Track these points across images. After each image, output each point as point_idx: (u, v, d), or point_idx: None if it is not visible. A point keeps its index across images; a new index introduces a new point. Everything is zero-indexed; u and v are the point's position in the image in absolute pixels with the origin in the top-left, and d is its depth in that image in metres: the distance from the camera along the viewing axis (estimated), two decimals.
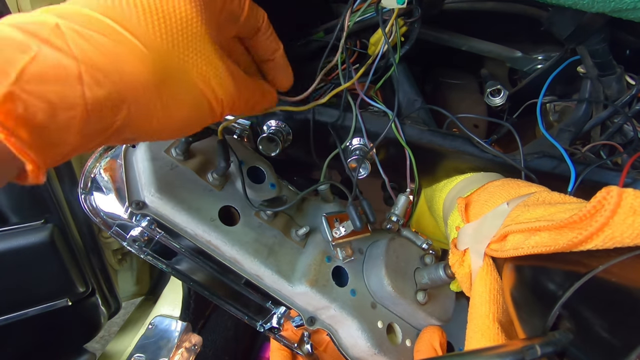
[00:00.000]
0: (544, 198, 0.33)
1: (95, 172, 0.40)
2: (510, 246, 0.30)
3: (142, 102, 0.24)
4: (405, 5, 0.40)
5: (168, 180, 0.38)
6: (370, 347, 0.39)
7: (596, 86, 0.52)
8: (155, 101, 0.25)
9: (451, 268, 0.40)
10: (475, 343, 0.31)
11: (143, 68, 0.23)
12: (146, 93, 0.24)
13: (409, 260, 0.44)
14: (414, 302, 0.41)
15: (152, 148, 0.39)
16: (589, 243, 0.23)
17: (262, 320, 0.43)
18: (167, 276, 0.80)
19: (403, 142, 0.44)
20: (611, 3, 0.35)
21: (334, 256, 0.43)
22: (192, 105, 0.27)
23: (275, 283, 0.39)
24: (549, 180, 0.43)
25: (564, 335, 0.21)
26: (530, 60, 0.59)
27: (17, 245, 0.56)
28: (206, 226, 0.37)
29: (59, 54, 0.20)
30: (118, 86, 0.22)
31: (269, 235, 0.41)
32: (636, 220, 0.21)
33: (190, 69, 0.27)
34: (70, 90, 0.20)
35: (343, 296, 0.41)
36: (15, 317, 0.60)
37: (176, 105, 0.26)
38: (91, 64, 0.21)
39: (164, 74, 0.25)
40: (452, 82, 0.70)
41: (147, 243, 0.38)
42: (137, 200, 0.37)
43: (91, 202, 0.39)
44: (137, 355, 0.65)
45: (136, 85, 0.23)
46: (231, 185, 0.42)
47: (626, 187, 0.22)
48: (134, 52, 0.23)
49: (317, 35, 0.51)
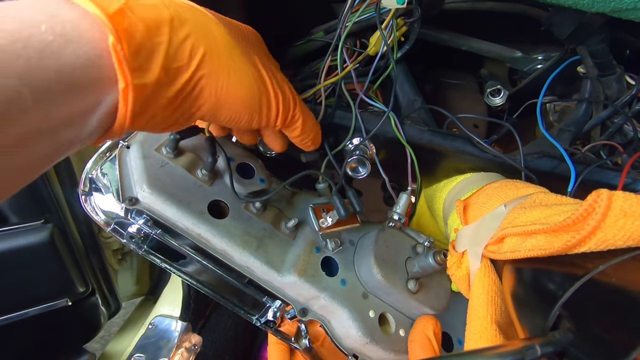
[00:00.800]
0: (541, 200, 0.34)
1: (94, 173, 0.42)
2: (507, 249, 0.31)
3: (214, 56, 0.28)
4: (405, 5, 0.40)
5: (159, 176, 0.40)
6: (362, 337, 0.39)
7: (596, 86, 0.52)
8: (224, 67, 0.29)
9: (449, 270, 0.40)
10: (474, 345, 0.31)
11: (219, 30, 0.30)
12: (218, 49, 0.29)
13: (399, 250, 0.44)
14: (405, 290, 0.41)
15: (143, 147, 0.41)
16: (582, 246, 0.23)
17: (257, 314, 0.44)
18: (167, 276, 0.80)
19: (403, 141, 0.44)
20: (611, 3, 0.35)
21: (323, 247, 0.44)
22: (251, 89, 0.31)
23: (265, 274, 0.40)
24: (549, 180, 0.43)
25: (564, 335, 0.21)
26: (530, 60, 0.59)
27: (17, 245, 0.56)
28: (196, 219, 0.39)
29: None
30: (197, 33, 0.27)
31: (259, 228, 0.42)
32: (627, 223, 0.21)
33: (252, 54, 0.33)
34: (160, 17, 0.25)
35: (333, 286, 0.41)
36: (15, 317, 0.60)
37: (238, 82, 0.30)
38: (177, 12, 0.27)
39: (233, 47, 0.30)
40: (452, 82, 0.70)
41: (144, 239, 0.40)
42: (130, 197, 0.39)
43: (91, 201, 0.41)
44: (137, 355, 0.65)
45: (211, 38, 0.28)
46: (221, 181, 0.44)
47: (626, 187, 0.22)
48: (213, 20, 0.30)
49: (317, 35, 0.51)
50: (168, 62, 0.26)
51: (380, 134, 0.45)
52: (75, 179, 0.63)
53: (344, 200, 0.41)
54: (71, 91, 0.22)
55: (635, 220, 0.21)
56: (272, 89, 0.33)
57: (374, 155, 0.45)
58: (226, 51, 0.29)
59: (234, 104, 0.31)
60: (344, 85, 0.46)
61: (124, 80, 0.23)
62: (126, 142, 0.43)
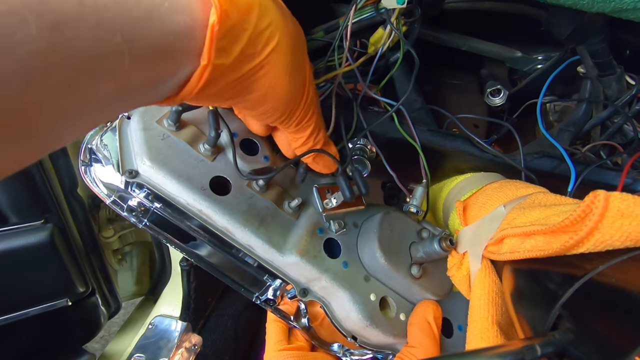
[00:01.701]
0: (540, 200, 0.34)
1: (94, 143, 0.40)
2: (506, 249, 0.31)
3: (283, 48, 0.28)
4: (405, 5, 0.40)
5: (160, 149, 0.38)
6: (362, 319, 0.39)
7: (596, 86, 0.52)
8: (286, 60, 0.29)
9: (449, 271, 0.40)
10: (475, 345, 0.31)
11: (292, 21, 0.30)
12: (287, 41, 0.29)
13: (404, 234, 0.44)
14: (408, 275, 0.41)
15: (144, 118, 0.40)
16: (580, 247, 0.23)
17: (258, 292, 0.43)
18: (167, 276, 0.80)
19: (409, 138, 0.44)
20: (611, 3, 0.35)
21: (326, 228, 0.43)
22: (297, 88, 0.32)
23: (267, 253, 0.40)
24: (549, 180, 0.43)
25: (564, 335, 0.21)
26: (530, 60, 0.59)
27: (17, 245, 0.56)
28: (197, 195, 0.38)
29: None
30: (277, 22, 0.28)
31: (261, 206, 0.41)
32: (624, 223, 0.22)
33: (305, 52, 0.33)
34: (252, 3, 0.26)
35: (335, 267, 0.41)
36: (15, 317, 0.60)
37: (291, 78, 0.30)
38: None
39: (298, 42, 0.31)
40: (452, 82, 0.70)
41: (144, 213, 0.39)
42: (131, 169, 0.38)
43: (91, 173, 0.40)
44: (137, 355, 0.65)
45: (285, 29, 0.29)
46: (223, 156, 0.42)
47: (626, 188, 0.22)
48: (287, 11, 0.30)
49: (317, 35, 0.51)
50: (247, 47, 0.26)
51: (381, 133, 0.45)
52: (76, 179, 0.63)
53: (350, 181, 0.40)
54: (160, 57, 0.22)
55: (632, 221, 0.21)
56: (309, 91, 0.34)
57: (378, 153, 0.45)
58: (292, 45, 0.30)
59: (279, 98, 0.31)
60: (344, 83, 0.46)
61: (207, 58, 0.24)
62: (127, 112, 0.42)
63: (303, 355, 0.43)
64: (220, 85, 0.26)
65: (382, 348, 0.42)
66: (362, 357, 0.44)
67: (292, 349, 0.43)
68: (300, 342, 0.44)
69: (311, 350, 0.45)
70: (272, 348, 0.44)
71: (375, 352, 0.42)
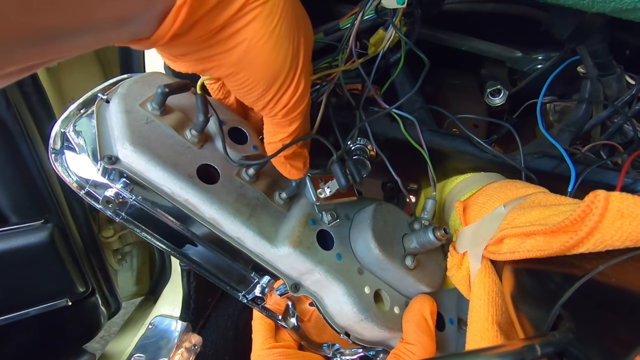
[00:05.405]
0: (540, 200, 0.34)
1: (68, 128, 0.37)
2: (506, 249, 0.31)
3: (270, 11, 0.26)
4: (405, 5, 0.40)
5: (143, 134, 0.35)
6: (357, 313, 0.38)
7: (596, 86, 0.52)
8: (271, 26, 0.27)
9: (449, 271, 0.40)
10: (474, 345, 0.31)
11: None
12: (278, 6, 0.27)
13: (397, 226, 0.43)
14: (402, 266, 0.40)
15: (126, 101, 0.37)
16: (580, 247, 0.23)
17: (244, 291, 0.42)
18: (167, 276, 0.80)
19: (417, 145, 0.44)
20: (611, 3, 0.35)
21: (319, 220, 0.42)
22: (280, 65, 0.29)
23: (257, 245, 0.38)
24: (549, 180, 0.43)
25: (564, 335, 0.21)
26: (530, 60, 0.59)
27: (17, 245, 0.56)
28: (183, 183, 0.35)
29: None
30: None
31: (251, 197, 0.39)
32: (624, 224, 0.22)
33: (301, 36, 0.30)
34: None
35: (328, 259, 0.39)
36: (15, 317, 0.60)
37: (274, 50, 0.28)
38: None
39: (291, 15, 0.28)
40: (452, 82, 0.70)
41: (121, 206, 0.36)
42: (110, 155, 0.34)
43: (62, 161, 0.37)
44: (137, 355, 0.65)
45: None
46: (211, 144, 0.40)
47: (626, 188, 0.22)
48: None
49: (317, 37, 0.51)
50: None
51: (381, 133, 0.45)
52: None
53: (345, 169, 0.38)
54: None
55: (632, 221, 0.21)
56: (297, 77, 0.31)
57: (378, 153, 0.45)
58: (282, 13, 0.27)
59: (259, 68, 0.28)
60: (344, 84, 0.46)
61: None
62: (105, 95, 0.38)
63: (291, 354, 0.42)
64: (195, 33, 0.25)
65: (375, 344, 0.41)
66: (353, 357, 0.43)
67: (280, 346, 0.42)
68: (288, 340, 0.44)
69: (299, 349, 0.44)
70: (260, 346, 0.43)
71: (367, 350, 0.41)
